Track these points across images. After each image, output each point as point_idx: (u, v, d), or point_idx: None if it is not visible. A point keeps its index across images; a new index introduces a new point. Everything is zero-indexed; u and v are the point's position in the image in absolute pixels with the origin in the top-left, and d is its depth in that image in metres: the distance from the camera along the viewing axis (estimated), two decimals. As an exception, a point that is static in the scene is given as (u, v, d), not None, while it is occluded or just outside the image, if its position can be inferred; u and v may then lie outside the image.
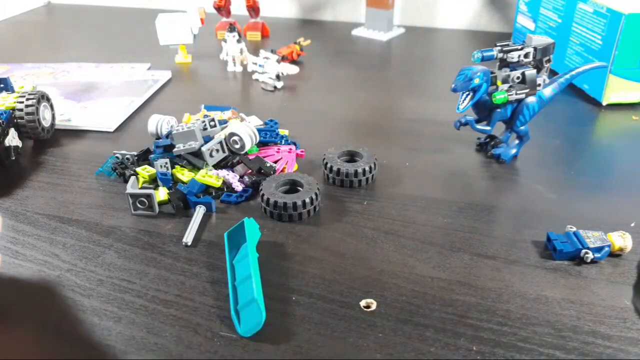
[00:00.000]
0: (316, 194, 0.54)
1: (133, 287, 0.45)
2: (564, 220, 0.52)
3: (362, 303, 0.43)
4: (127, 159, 0.60)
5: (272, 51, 0.86)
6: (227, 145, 0.60)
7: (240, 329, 0.40)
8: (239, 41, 0.91)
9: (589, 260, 0.47)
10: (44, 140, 0.68)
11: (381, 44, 1.08)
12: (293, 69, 0.84)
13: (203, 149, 0.58)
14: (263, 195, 0.54)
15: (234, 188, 0.57)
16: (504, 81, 0.60)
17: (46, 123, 0.67)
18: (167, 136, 0.64)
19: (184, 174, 0.58)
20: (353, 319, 0.42)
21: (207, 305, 0.43)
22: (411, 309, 0.42)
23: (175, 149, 0.59)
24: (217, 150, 0.59)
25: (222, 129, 0.63)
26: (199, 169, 0.59)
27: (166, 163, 0.58)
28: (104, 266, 0.47)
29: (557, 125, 0.73)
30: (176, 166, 0.59)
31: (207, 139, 0.60)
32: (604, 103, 0.78)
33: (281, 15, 1.25)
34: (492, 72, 0.59)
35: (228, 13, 1.07)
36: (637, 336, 0.40)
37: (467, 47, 1.05)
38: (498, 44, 0.59)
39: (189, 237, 0.50)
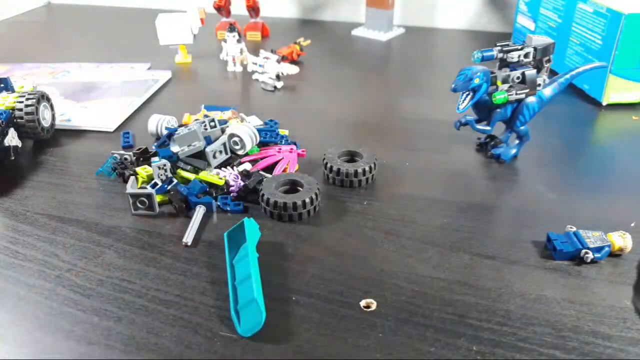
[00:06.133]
0: (316, 194, 0.54)
1: (133, 287, 0.45)
2: (564, 220, 0.52)
3: (362, 303, 0.43)
4: (126, 159, 0.60)
5: (272, 51, 0.86)
6: (228, 146, 0.60)
7: (240, 328, 0.40)
8: (239, 41, 0.91)
9: (589, 260, 0.47)
10: (44, 140, 0.68)
11: (381, 44, 1.08)
12: (293, 69, 0.84)
13: (207, 150, 0.58)
14: (263, 195, 0.54)
15: (230, 186, 0.57)
16: (504, 81, 0.60)
17: (46, 123, 0.67)
18: (167, 137, 0.63)
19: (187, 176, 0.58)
20: (353, 319, 0.42)
21: (207, 305, 0.43)
22: (411, 309, 0.42)
23: (180, 152, 0.58)
24: (221, 152, 0.59)
25: (222, 130, 0.63)
26: (200, 170, 0.59)
27: (165, 165, 0.57)
28: (104, 266, 0.47)
29: (557, 125, 0.73)
30: (178, 170, 0.59)
31: (207, 139, 0.60)
32: (604, 103, 0.78)
33: (281, 15, 1.25)
34: (492, 72, 0.59)
35: (228, 13, 1.07)
36: (637, 336, 0.40)
37: (467, 47, 1.05)
38: (498, 44, 0.59)
39: (189, 237, 0.50)
